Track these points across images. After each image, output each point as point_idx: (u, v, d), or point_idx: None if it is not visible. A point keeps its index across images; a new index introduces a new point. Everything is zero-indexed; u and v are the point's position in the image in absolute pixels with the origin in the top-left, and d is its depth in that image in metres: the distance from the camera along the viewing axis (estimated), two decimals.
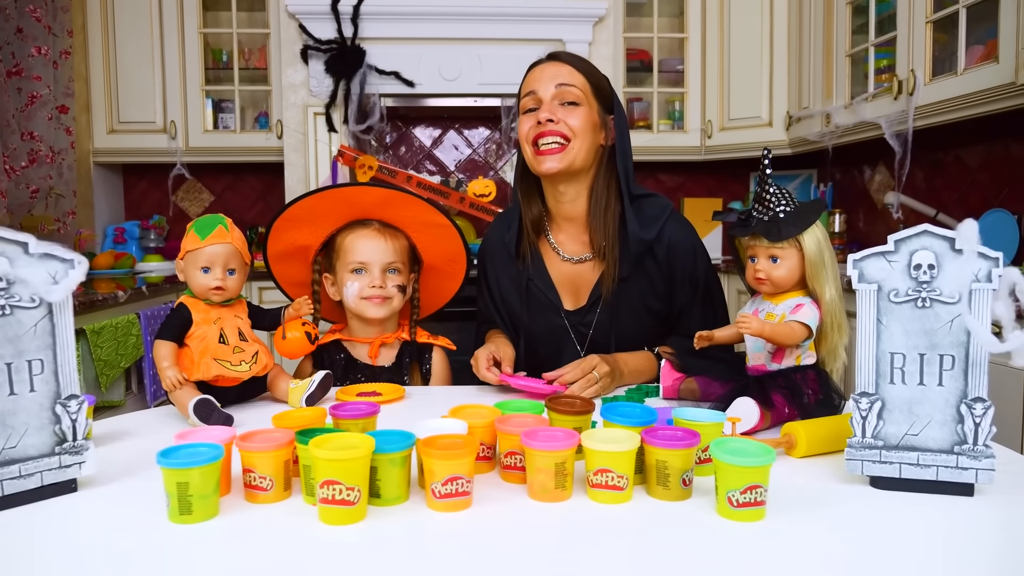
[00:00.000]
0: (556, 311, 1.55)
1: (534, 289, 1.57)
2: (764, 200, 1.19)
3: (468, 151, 3.99)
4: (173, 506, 0.81)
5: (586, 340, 1.54)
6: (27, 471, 0.88)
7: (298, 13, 3.32)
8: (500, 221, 1.68)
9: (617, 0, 3.55)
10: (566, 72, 1.45)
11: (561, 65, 1.47)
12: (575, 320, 1.54)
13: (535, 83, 1.47)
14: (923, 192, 2.98)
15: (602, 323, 1.52)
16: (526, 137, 1.47)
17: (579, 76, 1.46)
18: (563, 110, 1.44)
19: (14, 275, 0.87)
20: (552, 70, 1.46)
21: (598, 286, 1.52)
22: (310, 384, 1.29)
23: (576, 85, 1.45)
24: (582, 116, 1.44)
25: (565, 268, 1.56)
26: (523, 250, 1.57)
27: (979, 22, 2.34)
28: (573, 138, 1.44)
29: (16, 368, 0.87)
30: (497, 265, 1.63)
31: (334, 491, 0.79)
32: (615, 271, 1.49)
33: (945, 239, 0.85)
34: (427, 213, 1.52)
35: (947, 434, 0.86)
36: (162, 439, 1.13)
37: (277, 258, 1.55)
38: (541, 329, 1.56)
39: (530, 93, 1.47)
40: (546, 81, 1.45)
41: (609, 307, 1.51)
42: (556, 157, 1.44)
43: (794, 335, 1.15)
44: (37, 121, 3.02)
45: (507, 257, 1.60)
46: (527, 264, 1.57)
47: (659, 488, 0.86)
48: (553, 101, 1.44)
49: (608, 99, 1.51)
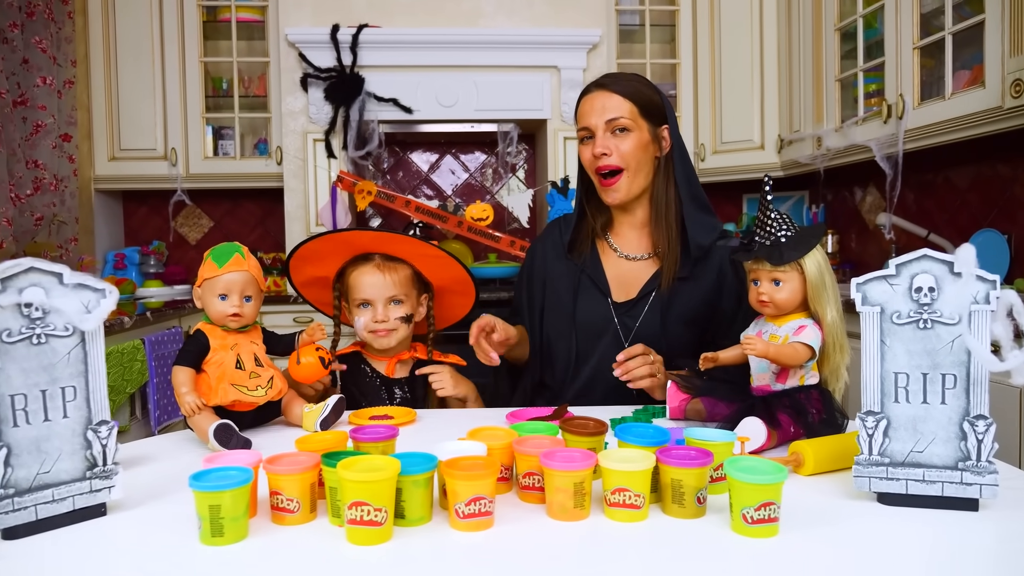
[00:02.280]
0: (605, 301, 1.63)
1: (585, 281, 1.65)
2: (766, 225, 1.23)
3: (465, 176, 4.04)
4: (205, 528, 0.83)
5: (631, 332, 1.60)
6: (59, 495, 0.90)
7: (298, 42, 3.38)
8: (557, 223, 1.77)
9: (610, 27, 3.62)
10: (614, 104, 1.56)
11: (610, 95, 1.56)
12: (622, 311, 1.61)
13: (587, 117, 1.58)
14: (914, 213, 3.04)
15: (650, 317, 1.59)
16: (589, 166, 1.60)
17: (626, 104, 1.56)
18: (615, 139, 1.55)
19: (49, 305, 0.89)
20: (601, 101, 1.56)
21: (650, 283, 1.61)
22: (324, 408, 1.31)
23: (624, 115, 1.55)
24: (633, 141, 1.55)
25: (621, 264, 1.65)
26: (580, 248, 1.67)
27: (965, 48, 2.41)
28: (626, 167, 1.56)
29: (50, 395, 0.90)
30: (549, 257, 1.72)
31: (362, 512, 0.82)
32: (675, 269, 1.57)
33: (944, 263, 0.89)
34: (421, 248, 1.59)
35: (951, 451, 0.90)
36: (182, 464, 1.15)
37: (303, 286, 1.66)
38: (587, 317, 1.63)
39: (584, 128, 1.59)
40: (596, 115, 1.56)
41: (662, 302, 1.58)
42: (617, 190, 1.57)
43: (798, 356, 1.18)
44: (41, 149, 3.05)
45: (561, 252, 1.70)
46: (583, 258, 1.66)
47: (674, 506, 0.89)
48: (605, 133, 1.56)
49: (659, 113, 1.60)
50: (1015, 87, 2.10)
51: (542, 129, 3.63)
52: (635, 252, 1.65)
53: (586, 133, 1.58)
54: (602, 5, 3.54)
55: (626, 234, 1.67)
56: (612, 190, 1.57)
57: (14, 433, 0.87)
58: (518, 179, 4.05)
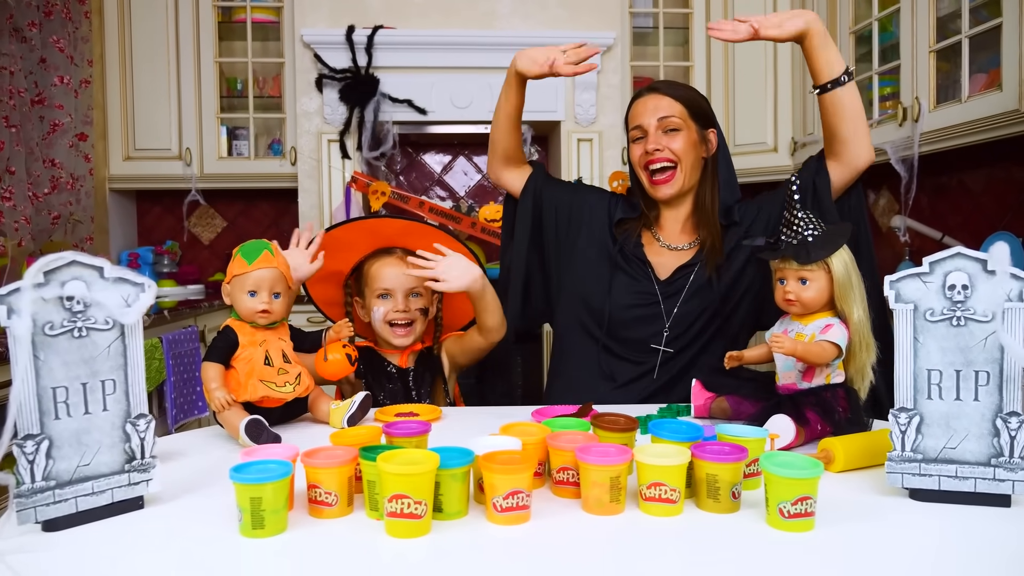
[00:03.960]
0: (649, 279, 1.66)
1: (625, 263, 1.68)
2: (792, 224, 1.24)
3: (477, 177, 4.05)
4: (246, 520, 0.84)
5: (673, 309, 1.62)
6: (99, 488, 0.91)
7: (313, 43, 3.39)
8: (605, 195, 1.80)
9: (624, 30, 3.63)
10: (665, 104, 1.62)
11: (661, 97, 1.63)
12: (665, 289, 1.64)
13: (640, 116, 1.64)
14: (928, 216, 3.04)
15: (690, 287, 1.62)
16: (638, 163, 1.66)
17: (677, 105, 1.62)
18: (666, 137, 1.62)
19: (91, 298, 0.90)
20: (653, 103, 1.63)
21: (687, 263, 1.65)
22: (351, 405, 1.32)
23: (675, 114, 1.62)
24: (683, 139, 1.62)
25: (663, 252, 1.69)
26: (629, 230, 1.70)
27: (981, 51, 2.41)
28: (678, 161, 1.62)
29: (91, 388, 0.91)
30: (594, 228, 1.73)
31: (402, 505, 0.83)
32: (717, 258, 1.61)
33: (978, 261, 0.90)
34: (444, 241, 1.61)
35: (984, 447, 0.90)
36: (213, 459, 1.16)
37: (313, 280, 1.64)
38: (629, 297, 1.65)
39: (636, 127, 1.64)
40: (648, 114, 1.63)
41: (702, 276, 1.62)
42: (668, 184, 1.63)
43: (825, 354, 1.19)
44: (58, 149, 3.07)
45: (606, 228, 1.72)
46: (625, 239, 1.69)
47: (709, 501, 0.90)
48: (657, 131, 1.61)
49: (707, 117, 1.67)
50: None
51: (555, 131, 3.64)
52: (677, 243, 1.69)
53: (638, 133, 1.64)
54: (616, 8, 3.55)
55: (670, 228, 1.71)
56: (666, 185, 1.62)
57: (56, 425, 0.88)
58: None
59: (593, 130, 3.55)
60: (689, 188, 1.66)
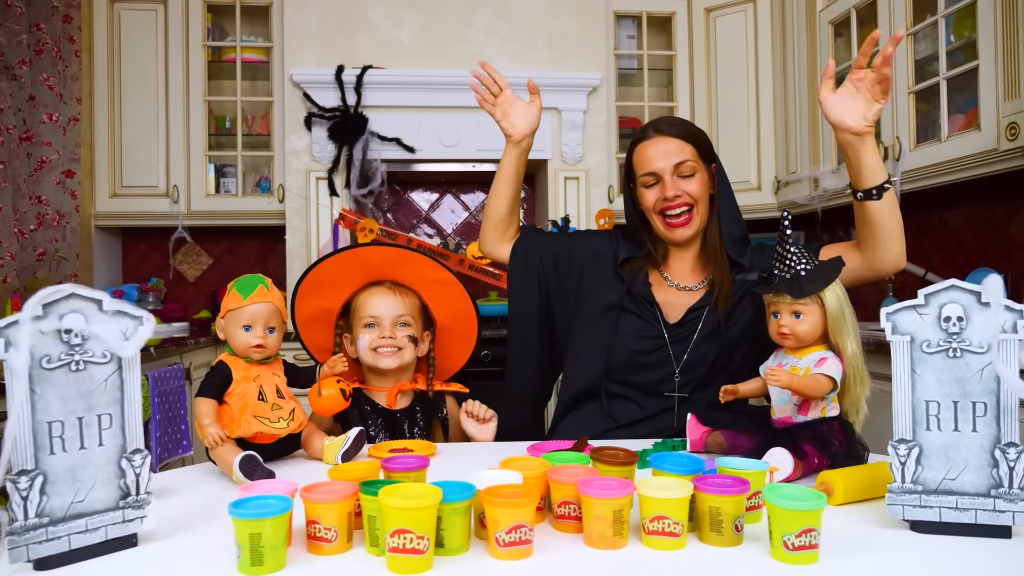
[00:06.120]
0: (657, 323, 1.62)
1: (633, 305, 1.64)
2: (785, 259, 1.25)
3: (464, 214, 4.08)
4: (245, 557, 0.83)
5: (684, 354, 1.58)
6: (93, 525, 0.89)
7: (303, 82, 3.42)
8: (605, 235, 1.77)
9: (610, 71, 3.70)
10: (676, 147, 1.60)
11: (670, 140, 1.60)
12: (672, 331, 1.61)
13: (651, 162, 1.60)
14: (911, 252, 3.06)
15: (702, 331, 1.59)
16: (652, 208, 1.62)
17: (688, 147, 1.60)
18: (683, 182, 1.59)
19: (89, 331, 0.90)
20: (663, 146, 1.60)
21: (697, 304, 1.61)
22: (345, 441, 1.31)
23: (689, 158, 1.59)
24: (699, 182, 1.60)
25: (671, 293, 1.65)
26: (636, 271, 1.67)
27: (959, 92, 2.48)
28: (696, 203, 1.60)
29: (87, 423, 0.90)
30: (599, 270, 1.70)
31: (405, 540, 0.82)
32: (728, 297, 1.58)
33: (972, 293, 0.91)
34: (434, 271, 1.61)
35: (983, 478, 0.91)
36: (207, 496, 1.15)
37: (304, 324, 1.63)
38: (637, 342, 1.61)
39: (649, 173, 1.60)
40: (660, 159, 1.59)
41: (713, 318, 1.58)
42: (687, 226, 1.60)
43: (820, 387, 1.19)
44: (45, 185, 3.06)
45: (611, 270, 1.69)
46: (633, 280, 1.66)
47: (712, 534, 0.90)
48: (673, 176, 1.59)
49: (712, 153, 1.65)
50: (1010, 130, 2.16)
51: (542, 169, 3.67)
52: (686, 283, 1.66)
53: (651, 179, 1.61)
54: (602, 49, 3.63)
55: (678, 268, 1.68)
56: (685, 227, 1.60)
57: (51, 461, 0.87)
58: None
59: (580, 168, 3.59)
60: (702, 227, 1.64)
